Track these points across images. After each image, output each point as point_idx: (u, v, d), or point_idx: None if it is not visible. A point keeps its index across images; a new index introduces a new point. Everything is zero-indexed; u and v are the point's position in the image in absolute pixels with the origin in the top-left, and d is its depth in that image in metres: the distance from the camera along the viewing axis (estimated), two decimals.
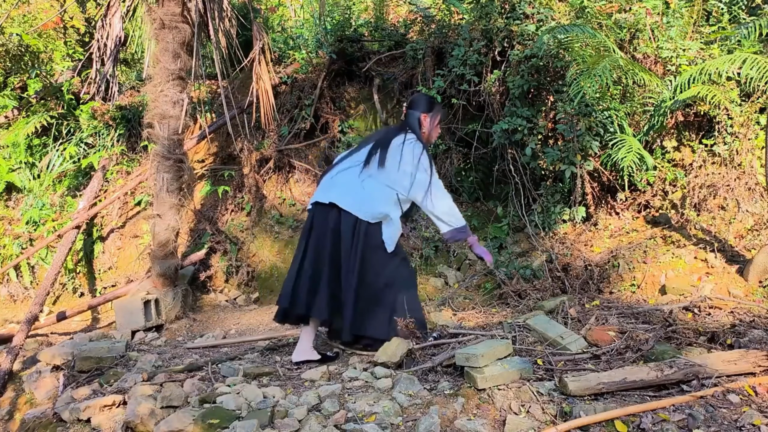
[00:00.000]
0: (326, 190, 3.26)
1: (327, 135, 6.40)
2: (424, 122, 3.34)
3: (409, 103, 3.43)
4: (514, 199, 5.08)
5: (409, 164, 3.14)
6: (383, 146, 3.21)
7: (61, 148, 6.92)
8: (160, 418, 2.75)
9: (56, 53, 7.65)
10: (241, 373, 3.21)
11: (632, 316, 3.51)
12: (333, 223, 3.18)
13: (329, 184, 3.29)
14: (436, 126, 3.42)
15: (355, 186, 3.18)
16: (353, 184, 3.19)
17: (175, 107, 4.72)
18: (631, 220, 4.64)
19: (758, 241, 3.99)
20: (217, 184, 6.36)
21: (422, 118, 3.34)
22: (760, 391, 2.51)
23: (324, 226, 3.21)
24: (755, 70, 3.76)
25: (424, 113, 3.34)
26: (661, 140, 4.60)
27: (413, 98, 3.47)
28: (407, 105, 3.44)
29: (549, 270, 4.31)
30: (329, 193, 3.22)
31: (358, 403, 2.65)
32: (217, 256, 5.95)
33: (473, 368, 2.67)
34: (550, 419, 2.42)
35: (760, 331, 3.06)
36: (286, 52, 7.10)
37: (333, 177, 3.30)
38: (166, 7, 4.63)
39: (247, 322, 4.87)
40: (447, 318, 3.97)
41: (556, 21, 5.02)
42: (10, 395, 3.93)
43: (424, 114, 3.34)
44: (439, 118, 3.42)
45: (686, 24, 4.76)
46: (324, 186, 3.31)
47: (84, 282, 6.26)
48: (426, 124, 3.35)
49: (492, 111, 5.29)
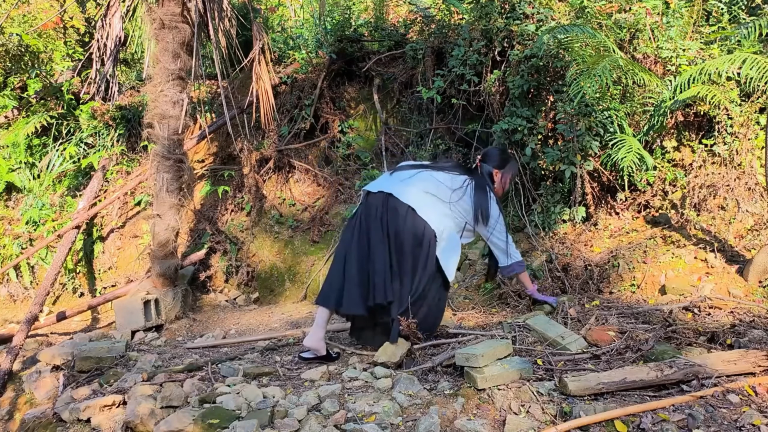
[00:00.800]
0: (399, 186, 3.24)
1: (327, 135, 6.40)
2: (495, 178, 3.40)
3: (483, 156, 3.46)
4: (513, 199, 5.08)
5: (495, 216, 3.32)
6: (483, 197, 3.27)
7: (61, 148, 6.92)
8: (160, 418, 2.75)
9: (56, 53, 7.65)
10: (241, 373, 3.21)
11: (632, 316, 3.51)
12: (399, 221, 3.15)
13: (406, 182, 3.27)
14: (509, 181, 3.51)
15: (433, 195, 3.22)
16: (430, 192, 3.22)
17: (175, 107, 4.72)
18: (631, 220, 4.64)
19: (758, 241, 3.99)
20: (217, 184, 6.36)
21: (494, 173, 3.39)
22: (760, 391, 2.51)
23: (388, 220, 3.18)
24: (755, 70, 3.76)
25: (496, 169, 3.40)
26: (661, 140, 4.60)
27: (487, 152, 3.50)
28: (480, 157, 3.46)
29: (549, 270, 4.31)
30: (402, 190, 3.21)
31: (358, 403, 2.65)
32: (216, 256, 5.96)
33: (473, 368, 2.67)
34: (550, 419, 2.42)
35: (759, 331, 3.06)
36: (286, 52, 7.10)
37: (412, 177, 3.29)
38: (166, 7, 4.63)
39: (247, 322, 4.87)
40: (447, 318, 3.97)
41: (556, 21, 5.02)
42: (10, 395, 3.93)
43: (496, 170, 3.40)
44: (512, 173, 3.50)
45: (686, 24, 4.76)
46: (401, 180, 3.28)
47: (84, 282, 6.26)
48: (497, 180, 3.41)
49: (492, 111, 5.29)
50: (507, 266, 3.45)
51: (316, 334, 3.30)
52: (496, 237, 3.37)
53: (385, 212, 3.18)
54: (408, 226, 3.13)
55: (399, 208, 3.15)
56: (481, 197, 3.27)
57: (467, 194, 3.26)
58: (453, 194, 3.24)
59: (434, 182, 3.27)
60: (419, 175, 3.30)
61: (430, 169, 3.36)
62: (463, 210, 3.26)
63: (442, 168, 3.38)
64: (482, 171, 3.39)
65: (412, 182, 3.25)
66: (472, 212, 3.26)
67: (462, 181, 3.29)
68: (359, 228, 3.25)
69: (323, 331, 3.32)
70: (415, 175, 3.31)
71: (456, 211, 3.24)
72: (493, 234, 3.36)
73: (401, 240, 3.14)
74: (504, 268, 3.48)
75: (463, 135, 5.67)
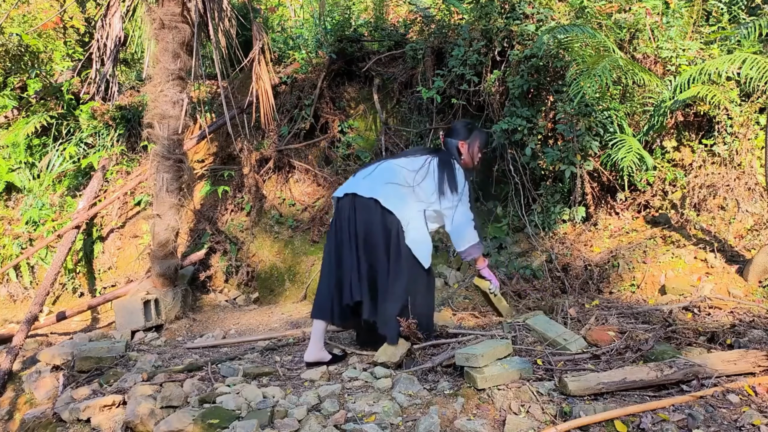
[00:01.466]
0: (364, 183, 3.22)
1: (327, 135, 6.40)
2: (462, 150, 3.35)
3: (447, 132, 3.44)
4: (513, 199, 5.08)
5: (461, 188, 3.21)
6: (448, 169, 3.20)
7: (61, 148, 6.92)
8: (160, 418, 2.75)
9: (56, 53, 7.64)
10: (240, 373, 3.21)
11: (632, 316, 3.51)
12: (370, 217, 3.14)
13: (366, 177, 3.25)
14: (478, 151, 3.40)
15: (396, 185, 3.16)
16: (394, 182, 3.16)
17: (174, 107, 4.72)
18: (630, 220, 4.64)
19: (758, 241, 3.99)
20: (217, 184, 6.36)
21: (459, 146, 3.35)
22: (760, 391, 2.51)
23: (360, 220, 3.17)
24: (755, 70, 3.76)
25: (461, 141, 3.35)
26: (661, 140, 4.60)
27: (452, 126, 3.47)
28: (445, 133, 3.44)
29: (549, 270, 4.32)
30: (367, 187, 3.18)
31: (358, 403, 2.65)
32: (216, 256, 5.96)
33: (473, 368, 2.67)
34: (549, 419, 2.42)
35: (759, 331, 3.06)
36: (286, 52, 7.10)
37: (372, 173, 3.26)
38: (166, 7, 4.63)
39: (246, 322, 4.87)
40: (447, 318, 3.97)
41: (555, 21, 5.02)
42: (10, 395, 3.93)
43: (462, 142, 3.35)
44: (478, 143, 3.40)
45: (686, 24, 4.76)
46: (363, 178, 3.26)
47: (84, 282, 6.26)
48: (464, 151, 3.36)
49: (492, 111, 5.29)
50: (464, 251, 3.27)
51: (315, 346, 3.29)
52: (460, 212, 3.20)
53: (353, 213, 3.17)
54: (376, 220, 3.11)
55: (365, 204, 3.14)
56: (445, 170, 3.19)
57: (430, 172, 3.19)
58: (416, 176, 3.17)
59: (394, 169, 3.22)
60: (379, 167, 3.27)
61: (389, 159, 3.34)
62: (427, 190, 3.17)
63: (404, 154, 3.35)
64: (448, 147, 3.35)
65: (373, 176, 3.23)
66: (437, 188, 3.17)
67: (423, 161, 3.24)
68: (334, 235, 3.26)
69: (321, 341, 3.30)
70: (375, 168, 3.28)
71: (421, 194, 3.17)
72: (457, 209, 3.19)
73: (372, 237, 3.11)
74: (462, 253, 3.29)
75: None
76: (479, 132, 3.43)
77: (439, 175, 3.18)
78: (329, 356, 3.31)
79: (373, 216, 3.12)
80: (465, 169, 3.35)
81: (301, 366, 3.32)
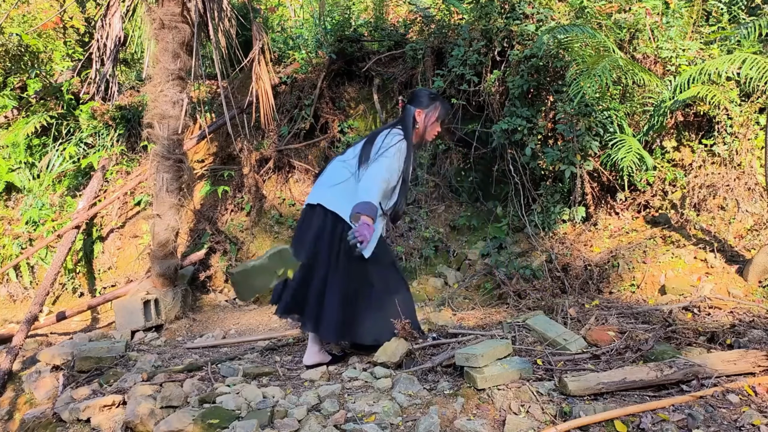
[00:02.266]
0: (315, 190, 3.20)
1: (327, 135, 6.40)
2: (418, 119, 3.19)
3: (408, 98, 3.30)
4: (513, 199, 5.08)
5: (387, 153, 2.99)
6: (369, 142, 3.11)
7: (61, 148, 6.92)
8: (160, 418, 2.75)
9: (56, 53, 7.64)
10: (240, 373, 3.21)
11: (632, 316, 3.51)
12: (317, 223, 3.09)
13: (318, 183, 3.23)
14: (434, 123, 3.22)
15: (338, 184, 3.09)
16: (337, 182, 3.10)
17: (174, 107, 4.72)
18: (630, 220, 4.64)
19: (758, 241, 3.99)
20: (217, 184, 6.36)
21: (416, 114, 3.19)
22: (760, 391, 2.51)
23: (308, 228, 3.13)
24: (755, 70, 3.76)
25: (418, 109, 3.19)
26: (661, 140, 4.61)
27: (412, 92, 3.33)
28: (406, 98, 3.31)
29: (549, 270, 4.32)
30: (317, 193, 3.15)
31: (358, 403, 2.65)
32: (216, 256, 5.95)
33: (473, 368, 2.67)
34: (549, 419, 2.42)
35: (759, 331, 3.06)
36: (286, 52, 7.10)
37: (321, 176, 3.24)
38: (166, 7, 4.63)
39: (246, 322, 4.87)
40: (447, 318, 3.97)
41: (555, 21, 5.02)
42: (10, 395, 3.93)
43: (419, 110, 3.19)
44: (437, 114, 3.21)
45: (686, 24, 4.77)
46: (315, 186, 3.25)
47: (84, 282, 6.26)
48: (420, 120, 3.19)
49: (492, 111, 5.29)
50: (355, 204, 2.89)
51: (312, 350, 3.28)
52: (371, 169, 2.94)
53: (302, 223, 3.16)
54: (326, 227, 3.05)
55: (316, 213, 3.09)
56: (368, 142, 3.08)
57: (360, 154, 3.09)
58: (352, 163, 3.08)
59: (336, 167, 3.16)
60: (327, 169, 3.22)
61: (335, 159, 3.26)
62: None
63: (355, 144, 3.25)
64: (404, 113, 3.19)
65: (321, 180, 3.20)
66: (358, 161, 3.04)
67: (358, 147, 3.15)
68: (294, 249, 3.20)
69: (319, 344, 3.29)
70: (324, 171, 3.24)
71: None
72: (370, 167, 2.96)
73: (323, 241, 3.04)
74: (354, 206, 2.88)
75: (463, 135, 5.67)
76: (442, 103, 3.24)
77: (361, 152, 3.09)
78: (329, 357, 3.30)
79: (321, 223, 3.07)
80: (417, 141, 3.22)
81: (301, 366, 3.32)
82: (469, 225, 5.38)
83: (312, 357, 3.28)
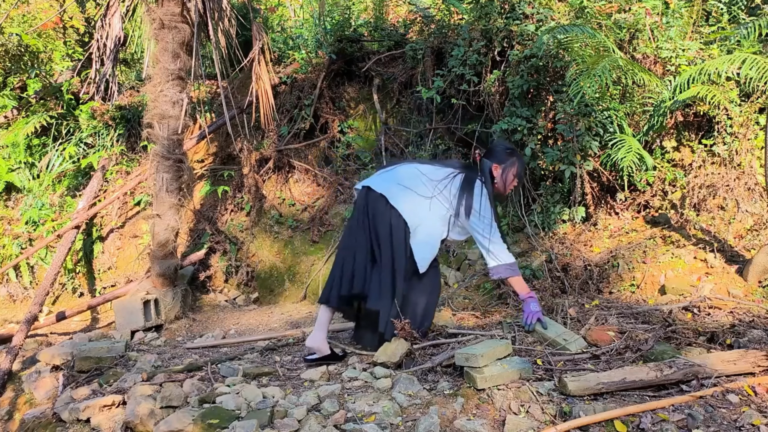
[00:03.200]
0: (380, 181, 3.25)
1: (326, 135, 6.40)
2: (495, 173, 3.24)
3: (486, 151, 3.34)
4: (513, 199, 5.08)
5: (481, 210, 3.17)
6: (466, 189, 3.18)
7: (61, 148, 6.92)
8: (160, 418, 2.75)
9: (56, 53, 7.65)
10: (240, 373, 3.21)
11: (632, 316, 3.51)
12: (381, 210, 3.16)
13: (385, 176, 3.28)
14: (513, 179, 3.29)
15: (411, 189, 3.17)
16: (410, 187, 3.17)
17: (174, 107, 4.72)
18: (630, 220, 4.64)
19: (758, 241, 3.99)
20: (217, 184, 6.36)
21: (493, 168, 3.24)
22: (760, 391, 2.51)
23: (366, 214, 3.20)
24: (755, 70, 3.76)
25: (495, 164, 3.24)
26: (661, 140, 4.61)
27: (490, 146, 3.38)
28: (483, 153, 3.34)
29: (549, 270, 4.31)
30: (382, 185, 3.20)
31: (358, 403, 2.65)
32: (216, 256, 5.96)
33: (473, 368, 2.67)
34: (549, 419, 2.42)
35: (759, 331, 3.06)
36: (286, 52, 7.10)
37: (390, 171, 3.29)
38: (166, 7, 4.63)
39: (246, 322, 4.87)
40: (447, 318, 3.97)
41: (555, 21, 5.02)
42: (10, 395, 3.93)
43: (496, 165, 3.24)
44: (514, 171, 3.27)
45: (686, 24, 4.76)
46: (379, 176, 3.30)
47: (83, 282, 6.26)
48: (498, 176, 3.25)
49: (492, 111, 5.29)
50: (492, 268, 3.23)
51: (318, 334, 3.30)
52: (480, 235, 3.18)
53: (366, 205, 3.21)
54: (382, 215, 3.14)
55: (375, 198, 3.18)
56: (465, 189, 3.17)
57: (451, 186, 3.19)
58: (437, 185, 3.18)
59: (414, 173, 3.23)
60: (400, 167, 3.31)
61: (417, 162, 3.34)
62: (446, 202, 3.18)
63: (433, 162, 3.38)
64: (481, 166, 3.26)
65: (390, 174, 3.27)
66: (455, 204, 3.17)
67: (447, 173, 3.22)
68: (350, 226, 3.32)
69: (325, 331, 3.32)
70: (396, 167, 3.32)
71: (438, 204, 3.17)
72: (476, 231, 3.19)
73: (378, 230, 3.15)
74: (491, 270, 3.26)
75: (462, 135, 5.67)
76: (518, 158, 3.31)
77: (459, 193, 3.17)
78: (329, 351, 3.31)
79: (380, 210, 3.15)
80: (496, 193, 3.28)
81: (301, 366, 3.33)
82: None
83: (315, 340, 3.29)
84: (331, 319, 3.38)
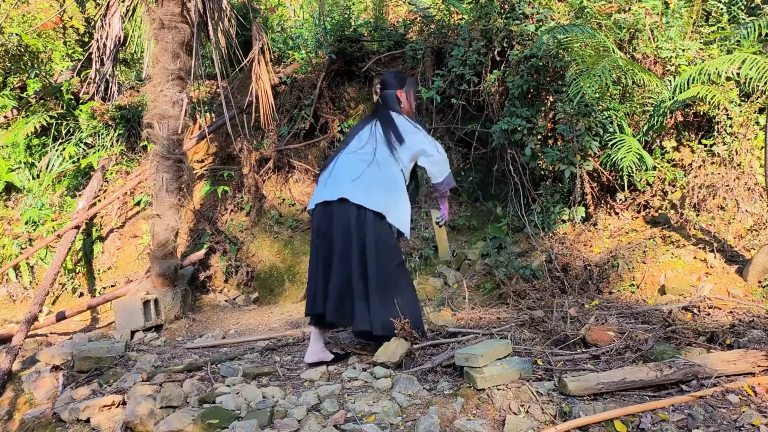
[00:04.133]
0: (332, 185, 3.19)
1: (326, 135, 6.40)
2: (401, 98, 3.39)
3: (382, 84, 3.45)
4: (513, 199, 5.08)
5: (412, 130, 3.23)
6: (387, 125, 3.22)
7: (61, 148, 6.92)
8: (160, 418, 2.75)
9: (55, 53, 7.64)
10: (240, 373, 3.21)
11: (632, 316, 3.51)
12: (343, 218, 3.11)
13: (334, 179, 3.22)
14: (414, 98, 3.47)
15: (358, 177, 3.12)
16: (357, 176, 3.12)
17: (174, 107, 4.72)
18: (630, 220, 4.64)
19: (757, 241, 3.99)
20: (217, 184, 6.36)
21: (398, 94, 3.39)
22: (759, 391, 2.52)
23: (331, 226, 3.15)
24: (754, 70, 3.76)
25: (399, 90, 3.39)
26: (661, 140, 4.61)
27: (383, 79, 3.48)
28: (380, 86, 3.45)
29: (548, 270, 4.31)
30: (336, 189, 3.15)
31: (358, 403, 2.65)
32: (216, 256, 5.95)
33: (473, 368, 2.67)
34: (549, 419, 2.42)
35: (759, 331, 3.06)
36: (286, 52, 7.10)
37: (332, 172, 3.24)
38: (166, 7, 4.63)
39: (246, 322, 4.87)
40: (446, 318, 3.97)
41: (555, 21, 5.03)
42: (10, 395, 3.93)
43: (399, 91, 3.39)
44: (413, 89, 3.46)
45: (686, 24, 4.76)
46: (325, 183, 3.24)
47: (83, 282, 6.26)
48: (403, 99, 3.40)
49: (491, 111, 5.29)
50: (447, 177, 3.29)
51: (315, 347, 3.29)
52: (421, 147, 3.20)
53: (327, 224, 3.16)
54: (351, 221, 3.08)
55: (339, 210, 3.11)
56: (386, 126, 3.22)
57: (377, 135, 3.21)
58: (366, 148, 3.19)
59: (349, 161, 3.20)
60: (336, 166, 3.24)
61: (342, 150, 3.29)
62: (384, 151, 3.18)
63: (351, 135, 3.33)
64: (386, 99, 3.37)
65: (334, 176, 3.21)
66: (386, 145, 3.17)
67: (367, 132, 3.26)
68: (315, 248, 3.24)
69: (321, 342, 3.30)
70: (333, 167, 3.26)
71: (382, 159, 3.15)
72: (417, 146, 3.19)
73: (349, 241, 3.07)
74: (444, 180, 3.30)
75: (462, 135, 5.67)
76: (410, 78, 3.49)
77: (385, 137, 3.20)
78: (331, 356, 3.31)
79: (348, 218, 3.09)
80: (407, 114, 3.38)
81: (301, 366, 3.33)
82: (468, 225, 5.38)
83: (314, 355, 3.28)
84: (324, 330, 3.37)
